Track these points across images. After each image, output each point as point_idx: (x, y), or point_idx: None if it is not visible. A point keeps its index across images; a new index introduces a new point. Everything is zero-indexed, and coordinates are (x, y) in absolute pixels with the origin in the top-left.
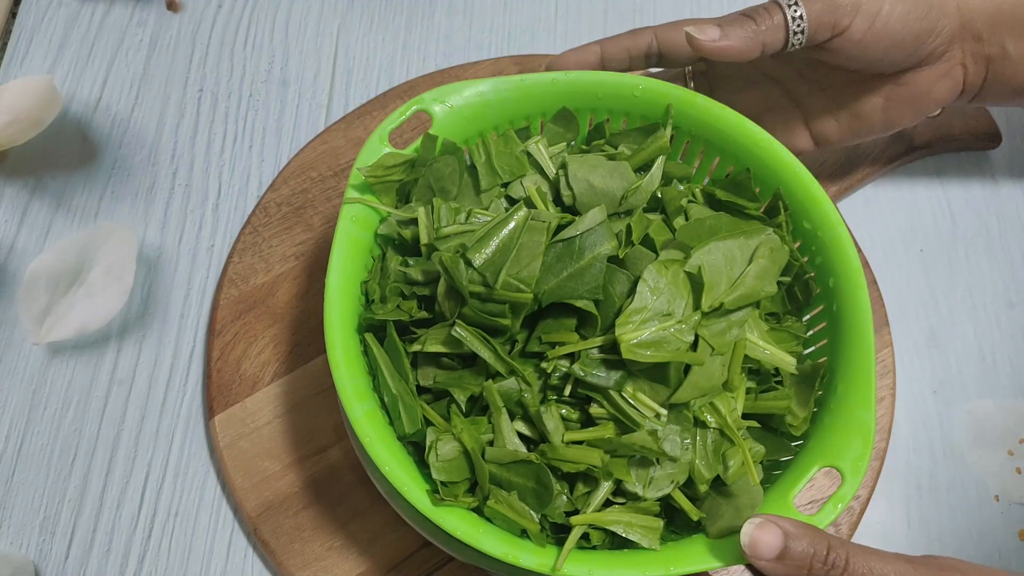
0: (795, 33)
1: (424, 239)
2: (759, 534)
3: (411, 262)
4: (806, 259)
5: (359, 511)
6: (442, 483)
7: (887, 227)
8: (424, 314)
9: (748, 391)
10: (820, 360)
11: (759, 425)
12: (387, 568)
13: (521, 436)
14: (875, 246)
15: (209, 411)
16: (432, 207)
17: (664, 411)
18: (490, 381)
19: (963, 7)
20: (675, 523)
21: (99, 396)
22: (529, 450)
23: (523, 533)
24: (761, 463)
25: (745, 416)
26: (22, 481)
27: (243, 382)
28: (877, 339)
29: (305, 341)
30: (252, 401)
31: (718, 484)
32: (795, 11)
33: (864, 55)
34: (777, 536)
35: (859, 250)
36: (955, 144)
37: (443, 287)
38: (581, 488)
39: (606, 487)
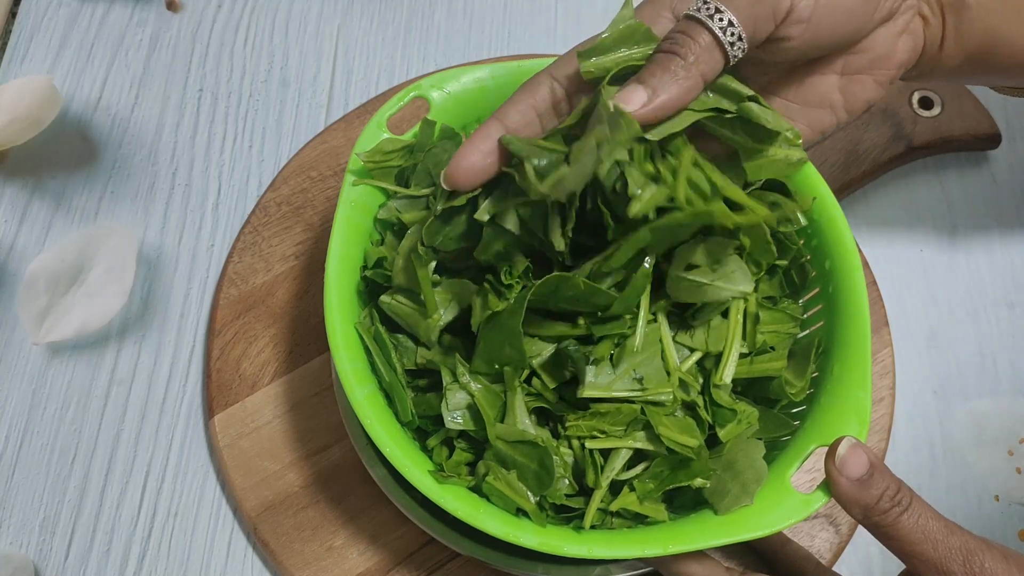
0: (732, 44)
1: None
2: (852, 455)
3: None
4: (802, 242)
5: (359, 511)
6: (451, 439)
7: (887, 227)
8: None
9: (743, 356)
10: (816, 325)
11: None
12: (387, 568)
13: (537, 410)
14: (875, 246)
15: (209, 411)
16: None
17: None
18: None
19: None
20: (673, 504)
21: (99, 396)
22: (543, 425)
23: (520, 513)
24: (760, 439)
25: (742, 386)
26: (22, 481)
27: (243, 382)
28: (877, 339)
29: (305, 341)
30: (252, 401)
31: (722, 465)
32: (720, 20)
33: (815, 38)
34: (866, 463)
35: (859, 250)
36: (955, 145)
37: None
38: (594, 459)
39: (624, 455)
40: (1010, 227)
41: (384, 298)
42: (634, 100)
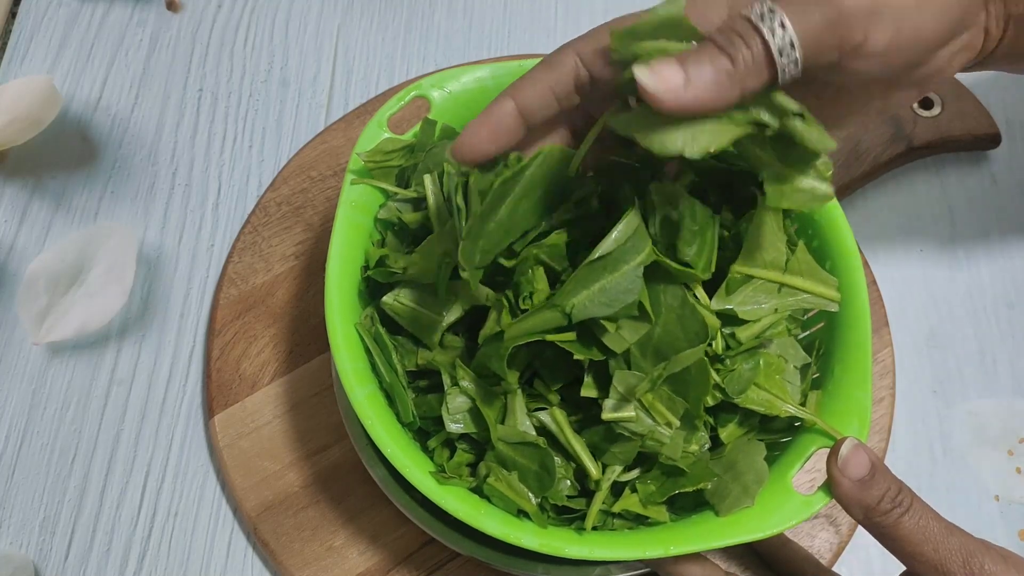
0: (785, 68)
1: (431, 203)
2: (854, 456)
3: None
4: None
5: (359, 511)
6: (452, 440)
7: (887, 227)
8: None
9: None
10: (816, 326)
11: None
12: (387, 568)
13: (536, 410)
14: (875, 246)
15: (209, 411)
16: (443, 171)
17: (677, 421)
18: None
19: None
20: (674, 505)
21: (99, 396)
22: (539, 432)
23: (521, 514)
24: (761, 440)
25: None
26: (22, 481)
27: (243, 382)
28: (877, 339)
29: (305, 341)
30: (252, 401)
31: (723, 466)
32: (781, 36)
33: (883, 69)
34: (867, 464)
35: (859, 251)
36: (955, 145)
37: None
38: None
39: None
40: (1010, 227)
41: (386, 299)
42: (668, 79)
